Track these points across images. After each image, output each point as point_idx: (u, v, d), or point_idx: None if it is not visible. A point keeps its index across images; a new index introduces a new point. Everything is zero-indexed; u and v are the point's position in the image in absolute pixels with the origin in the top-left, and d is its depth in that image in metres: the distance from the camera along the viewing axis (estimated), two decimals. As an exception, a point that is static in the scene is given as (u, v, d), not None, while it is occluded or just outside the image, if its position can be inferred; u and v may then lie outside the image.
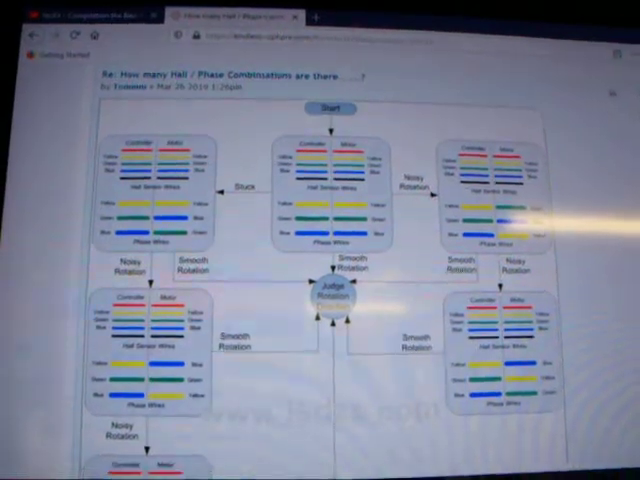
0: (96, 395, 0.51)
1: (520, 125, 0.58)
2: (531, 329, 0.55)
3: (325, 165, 0.56)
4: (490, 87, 0.59)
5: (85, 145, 0.55)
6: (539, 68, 0.59)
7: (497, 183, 0.57)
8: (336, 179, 0.56)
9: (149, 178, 0.55)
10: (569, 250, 0.56)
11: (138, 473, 0.51)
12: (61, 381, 0.51)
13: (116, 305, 0.53)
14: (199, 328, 0.52)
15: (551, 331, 0.55)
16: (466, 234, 0.56)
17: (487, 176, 0.57)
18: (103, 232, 0.54)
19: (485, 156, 0.57)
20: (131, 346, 0.52)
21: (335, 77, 0.58)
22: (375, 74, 0.58)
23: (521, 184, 0.57)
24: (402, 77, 0.58)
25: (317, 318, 0.53)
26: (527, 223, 0.57)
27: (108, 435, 0.51)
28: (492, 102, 0.58)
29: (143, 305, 0.53)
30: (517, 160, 0.57)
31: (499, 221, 0.56)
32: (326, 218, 0.55)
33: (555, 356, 0.55)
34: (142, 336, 0.52)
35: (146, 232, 0.54)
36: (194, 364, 0.52)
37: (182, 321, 0.52)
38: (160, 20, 0.58)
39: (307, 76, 0.57)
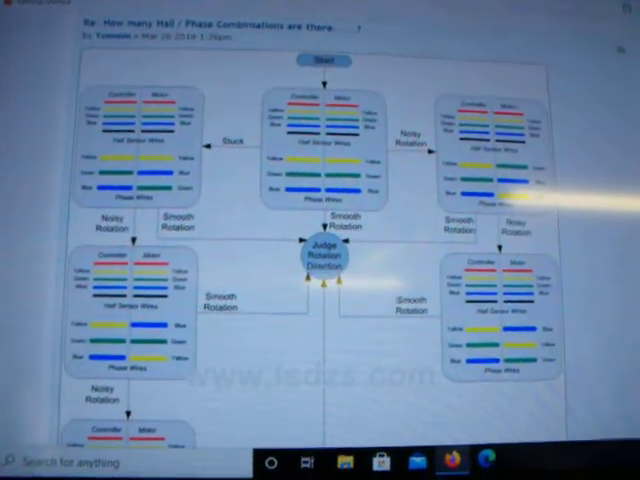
0: (75, 357, 0.50)
1: (523, 81, 0.56)
2: (531, 293, 0.54)
3: (318, 119, 0.54)
4: (492, 40, 0.57)
5: (65, 97, 0.53)
6: (544, 21, 0.57)
7: (498, 141, 0.55)
8: (329, 134, 0.54)
9: (132, 131, 0.53)
10: (572, 212, 0.55)
11: (119, 438, 0.50)
12: (39, 343, 0.50)
13: (97, 263, 0.51)
14: (183, 288, 0.51)
15: (552, 296, 0.54)
16: (465, 193, 0.54)
17: (487, 133, 0.55)
18: (84, 187, 0.52)
19: (485, 112, 0.56)
20: (112, 306, 0.51)
21: (330, 28, 0.56)
22: (372, 25, 0.56)
23: (523, 142, 0.56)
24: (400, 29, 0.56)
25: (307, 279, 0.52)
26: (529, 183, 0.55)
27: (88, 399, 0.50)
28: (494, 56, 0.56)
29: (125, 263, 0.51)
30: (519, 117, 0.56)
31: (499, 180, 0.55)
32: (318, 174, 0.54)
33: (556, 322, 0.54)
34: (124, 296, 0.51)
35: (129, 187, 0.52)
36: (178, 325, 0.51)
37: (166, 280, 0.51)
38: (146, -36, 0.56)
39: (300, 27, 0.56)
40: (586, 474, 0.52)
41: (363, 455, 0.51)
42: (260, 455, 0.50)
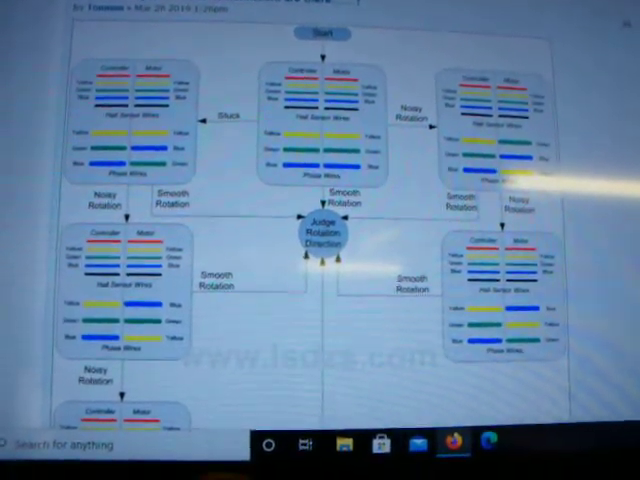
0: (68, 337, 0.50)
1: (526, 55, 0.55)
2: (534, 272, 0.53)
3: (316, 93, 0.53)
4: (495, 13, 0.56)
5: (57, 70, 0.52)
6: None
7: (500, 116, 0.54)
8: (328, 108, 0.53)
9: (126, 106, 0.52)
10: (576, 189, 0.54)
11: (113, 420, 0.49)
12: (30, 322, 0.49)
13: (90, 241, 0.51)
14: (178, 266, 0.50)
15: (556, 275, 0.53)
16: (467, 169, 0.53)
17: (490, 108, 0.54)
18: (76, 163, 0.51)
19: (488, 87, 0.55)
20: (105, 285, 0.50)
21: (328, 0, 0.55)
22: None
23: (526, 118, 0.55)
24: (400, 1, 0.55)
25: (305, 256, 0.51)
26: (532, 159, 0.54)
27: (81, 380, 0.49)
28: (497, 29, 0.55)
29: (118, 241, 0.51)
30: (522, 92, 0.55)
31: (502, 157, 0.54)
32: (316, 149, 0.52)
33: (559, 301, 0.53)
34: (117, 274, 0.50)
35: (122, 163, 0.51)
36: (172, 304, 0.50)
37: (160, 258, 0.50)
38: None
39: None
40: (590, 456, 0.51)
41: (362, 437, 0.50)
42: (257, 437, 0.49)
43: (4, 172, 0.51)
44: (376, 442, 0.50)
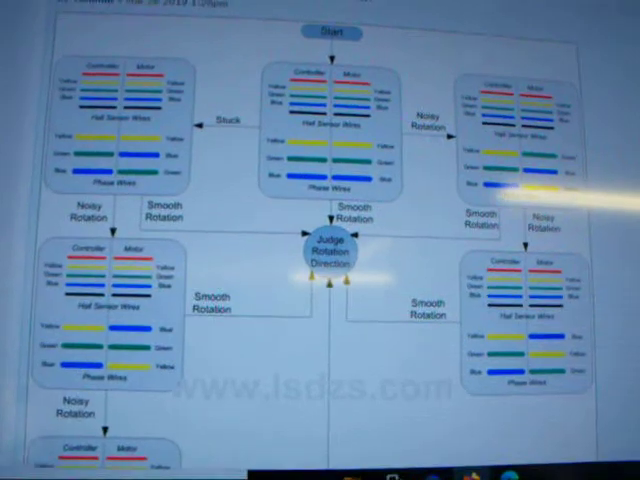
0: (45, 364, 0.47)
1: (552, 60, 0.54)
2: (560, 297, 0.51)
3: (324, 97, 0.51)
4: (519, 15, 0.54)
5: (38, 68, 0.50)
6: None
7: (524, 126, 0.53)
8: (337, 114, 0.51)
9: (114, 107, 0.50)
10: (605, 207, 0.53)
11: (94, 458, 0.47)
12: (3, 347, 0.47)
13: (71, 257, 0.48)
14: (170, 286, 0.48)
15: (582, 300, 0.51)
16: (487, 184, 0.52)
17: (513, 118, 0.53)
18: (57, 170, 0.49)
19: (511, 94, 0.53)
20: (88, 306, 0.48)
21: None
22: None
23: (551, 128, 0.53)
24: None
25: (311, 277, 0.49)
26: (558, 174, 0.53)
27: (59, 412, 0.47)
28: (520, 32, 0.54)
29: (103, 258, 0.48)
30: (548, 101, 0.53)
31: (526, 170, 0.52)
32: (324, 159, 0.50)
33: (586, 329, 0.51)
34: (102, 295, 0.48)
35: (109, 171, 0.49)
36: (163, 329, 0.48)
37: (150, 278, 0.48)
38: None
39: None
40: (619, 499, 0.50)
41: (372, 477, 0.48)
42: (256, 477, 0.47)
43: (-22, 179, 0.48)
44: (387, 483, 0.48)
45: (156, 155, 0.49)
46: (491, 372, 0.49)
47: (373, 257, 0.50)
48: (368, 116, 0.51)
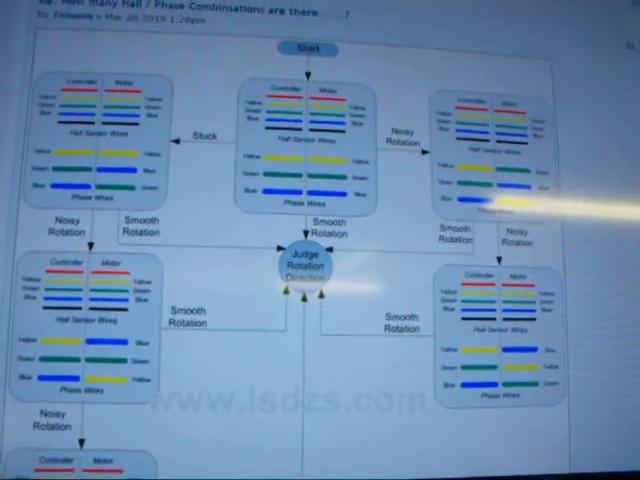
0: (22, 377, 0.47)
1: (526, 77, 0.54)
2: (533, 310, 0.51)
3: (300, 113, 0.51)
4: (493, 31, 0.54)
5: (17, 83, 0.50)
6: (549, 13, 0.55)
7: (498, 142, 0.53)
8: (312, 130, 0.51)
9: (92, 123, 0.50)
10: (577, 221, 0.53)
11: (70, 470, 0.46)
12: None
13: (49, 271, 0.48)
14: (146, 300, 0.48)
15: (555, 313, 0.51)
16: (461, 199, 0.52)
17: (487, 133, 0.53)
18: (36, 185, 0.49)
19: (485, 110, 0.53)
20: (65, 320, 0.48)
21: (315, 13, 0.53)
22: (361, 11, 0.53)
23: (525, 144, 0.53)
24: (392, 16, 0.53)
25: (286, 292, 0.49)
26: (531, 189, 0.53)
27: (36, 425, 0.47)
28: (495, 49, 0.54)
29: (81, 272, 0.48)
30: (521, 116, 0.53)
31: (499, 185, 0.52)
32: (299, 175, 0.50)
33: (559, 342, 0.51)
34: (79, 308, 0.48)
35: (87, 186, 0.49)
36: (139, 343, 0.48)
37: (126, 292, 0.48)
38: (111, -62, 0.53)
39: (282, 11, 0.53)
40: (591, 510, 0.50)
41: None
42: None
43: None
44: (360, 494, 0.48)
45: (134, 170, 0.49)
46: (465, 385, 0.49)
47: (347, 271, 0.49)
48: (343, 132, 0.51)
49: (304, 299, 0.49)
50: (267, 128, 0.51)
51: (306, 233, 0.50)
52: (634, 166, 0.54)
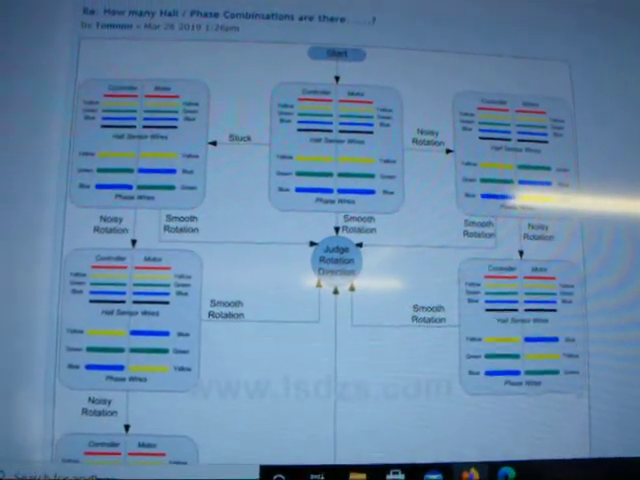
0: (71, 367, 0.48)
1: (546, 78, 0.55)
2: (554, 302, 0.52)
3: (330, 116, 0.52)
4: (514, 35, 0.55)
5: (62, 90, 0.51)
6: (570, 15, 0.55)
7: (519, 141, 0.53)
8: (342, 131, 0.52)
9: (134, 127, 0.51)
10: (596, 216, 0.53)
11: (117, 454, 0.48)
12: (32, 351, 0.48)
13: (95, 267, 0.49)
14: (186, 294, 0.49)
15: (575, 305, 0.52)
16: (484, 195, 0.52)
17: (508, 132, 0.54)
18: (81, 186, 0.50)
19: (507, 110, 0.54)
20: (111, 313, 0.49)
21: (343, 20, 0.54)
22: (387, 17, 0.54)
23: (546, 142, 0.54)
24: (417, 21, 0.54)
25: (318, 285, 0.50)
26: (551, 185, 0.53)
27: (84, 411, 0.48)
28: (516, 51, 0.54)
29: (125, 267, 0.49)
30: (542, 116, 0.54)
31: (521, 182, 0.53)
32: (330, 174, 0.51)
33: (579, 332, 0.52)
34: (123, 302, 0.49)
35: (129, 186, 0.50)
36: (180, 334, 0.49)
37: (168, 286, 0.49)
38: (149, -48, 0.53)
39: (311, 18, 0.54)
40: (611, 493, 0.50)
41: (376, 472, 0.49)
42: (267, 472, 0.48)
43: (8, 194, 0.50)
44: (390, 477, 0.49)
45: (173, 171, 0.50)
46: (488, 373, 0.50)
47: (376, 265, 0.50)
48: (371, 133, 0.52)
49: (336, 292, 0.50)
50: (299, 130, 0.51)
51: (337, 229, 0.50)
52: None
